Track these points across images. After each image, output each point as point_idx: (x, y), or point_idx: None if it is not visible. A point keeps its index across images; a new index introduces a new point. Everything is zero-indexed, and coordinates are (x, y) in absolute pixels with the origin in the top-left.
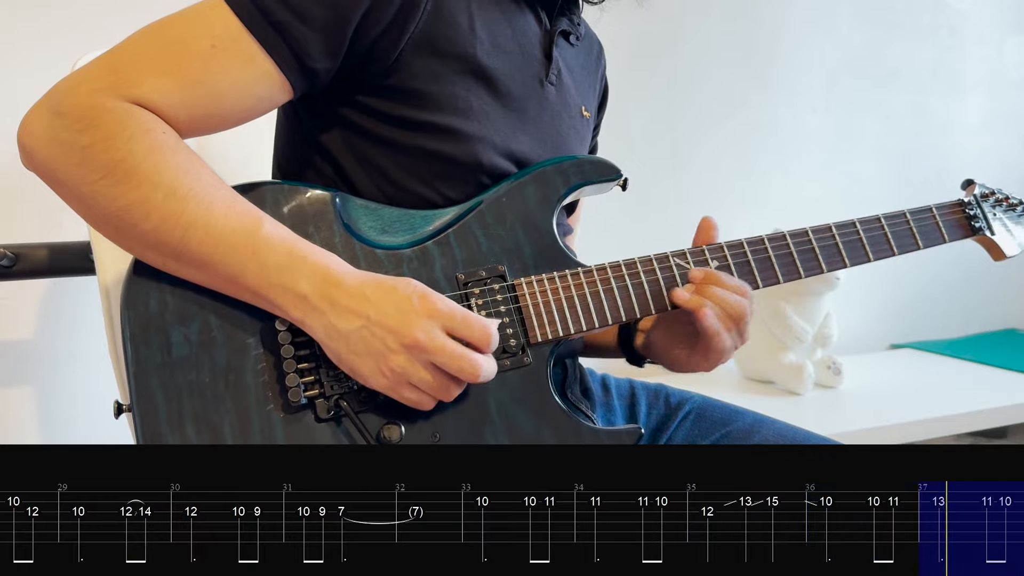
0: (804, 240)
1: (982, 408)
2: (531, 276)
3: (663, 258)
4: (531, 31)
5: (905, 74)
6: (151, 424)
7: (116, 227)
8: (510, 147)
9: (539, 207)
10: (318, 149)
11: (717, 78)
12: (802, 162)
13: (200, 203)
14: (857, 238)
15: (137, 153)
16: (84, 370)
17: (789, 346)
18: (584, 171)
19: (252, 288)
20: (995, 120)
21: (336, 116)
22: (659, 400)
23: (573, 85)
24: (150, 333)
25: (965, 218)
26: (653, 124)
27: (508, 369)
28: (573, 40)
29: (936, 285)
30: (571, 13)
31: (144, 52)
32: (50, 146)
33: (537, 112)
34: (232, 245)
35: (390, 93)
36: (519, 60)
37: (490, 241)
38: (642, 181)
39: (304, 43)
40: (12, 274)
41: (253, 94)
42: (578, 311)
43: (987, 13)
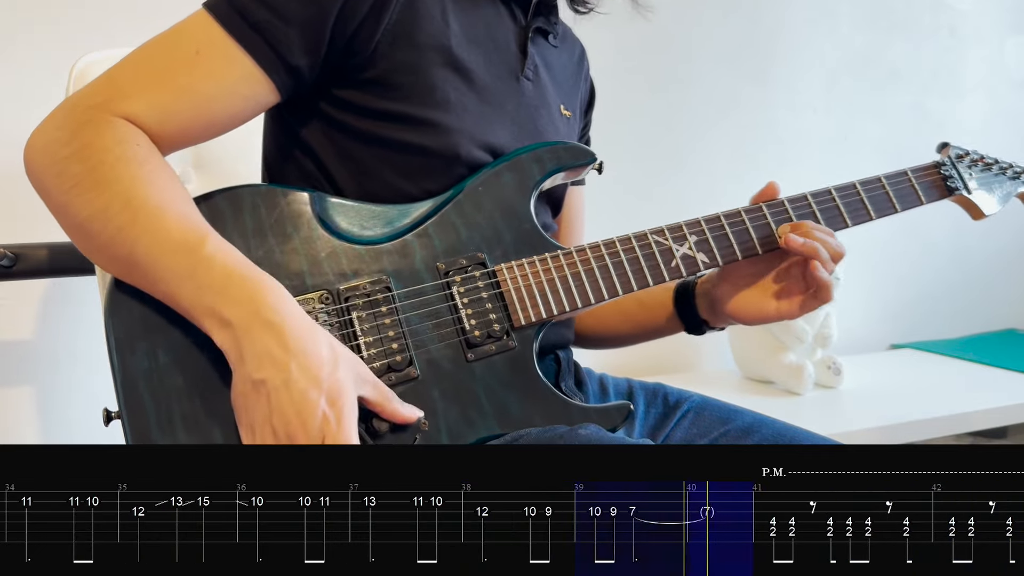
0: (781, 210)
1: (982, 408)
2: (511, 261)
3: (641, 235)
4: (506, 26)
5: (905, 74)
6: (141, 430)
7: (84, 234)
8: (488, 140)
9: (516, 193)
10: (300, 145)
11: (717, 78)
12: (802, 162)
13: (151, 215)
14: (833, 204)
15: (106, 163)
16: (84, 370)
17: (789, 346)
18: (559, 156)
19: (186, 306)
20: (995, 120)
21: (315, 111)
22: (657, 399)
23: (552, 83)
24: (135, 340)
25: (941, 179)
26: (652, 124)
27: (494, 354)
28: (552, 40)
29: (936, 285)
30: (548, 13)
31: (135, 68)
32: (38, 156)
33: (514, 106)
34: (171, 261)
35: (368, 86)
36: (494, 54)
37: (469, 230)
38: (641, 181)
39: (284, 40)
40: (12, 274)
41: (239, 95)
42: (560, 292)
43: (987, 13)
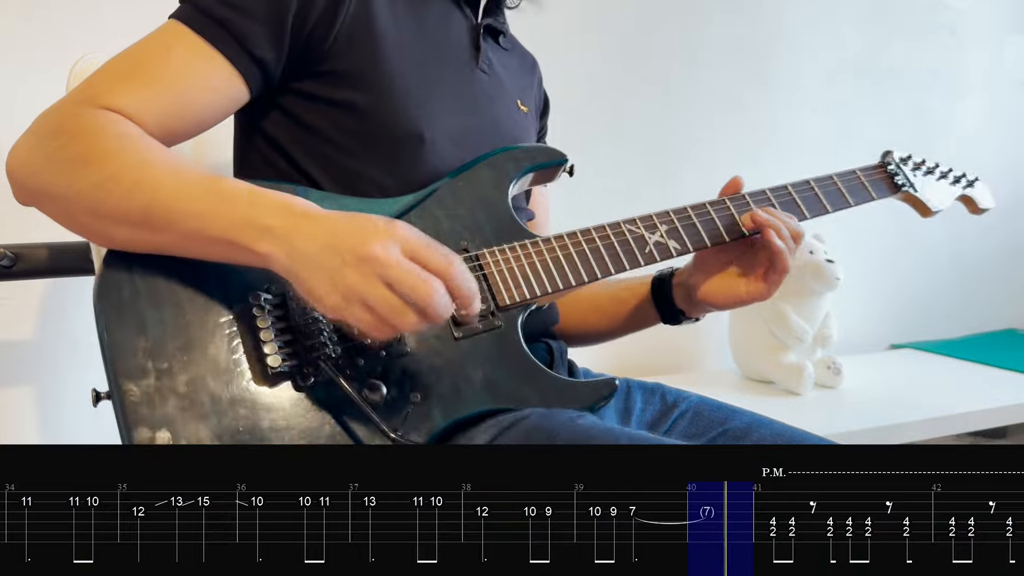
0: (743, 203)
1: (982, 408)
2: (493, 247)
3: (615, 225)
4: (457, 22)
5: (905, 74)
6: (132, 406)
7: (92, 209)
8: (449, 128)
9: (494, 188)
10: (270, 143)
11: (716, 78)
12: (802, 162)
13: (165, 168)
14: (790, 198)
15: (103, 137)
16: (84, 370)
17: (789, 346)
18: (533, 156)
19: (218, 232)
20: (995, 120)
21: (278, 107)
22: (655, 398)
23: (507, 80)
24: (125, 318)
25: (888, 176)
26: (651, 124)
27: (481, 332)
28: (502, 41)
29: (936, 285)
30: (496, 13)
31: (111, 69)
32: (27, 157)
33: (472, 95)
34: (198, 195)
35: (327, 77)
36: (447, 49)
37: (451, 221)
38: (641, 181)
39: (248, 33)
40: (12, 274)
41: (211, 88)
42: (541, 275)
43: (987, 13)
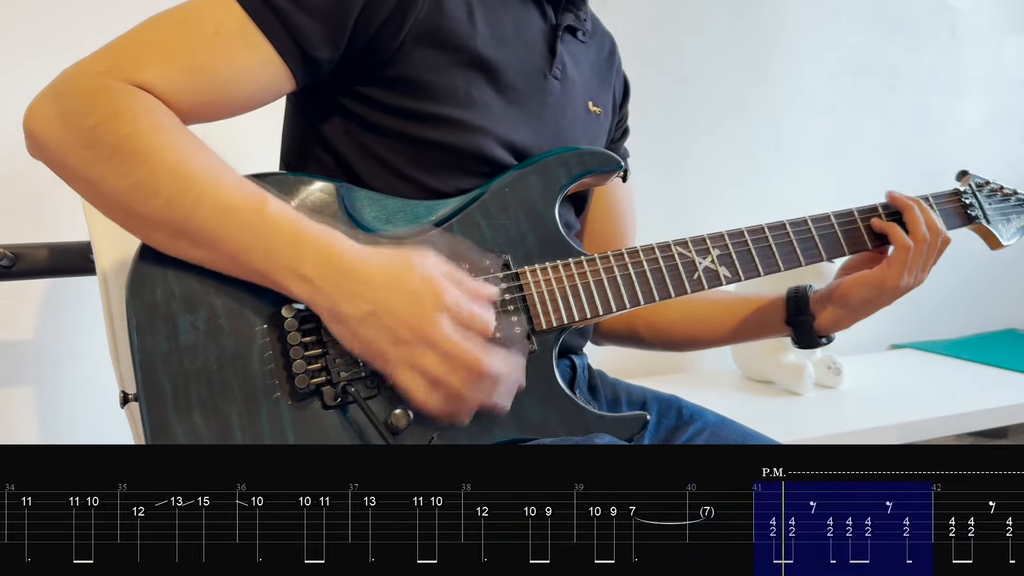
0: (805, 229)
1: (982, 408)
2: (535, 265)
3: (665, 246)
4: (535, 25)
5: (905, 74)
6: (158, 412)
7: (125, 207)
8: (511, 139)
9: (542, 196)
10: (320, 140)
11: (717, 78)
12: (802, 162)
13: (207, 180)
14: (856, 227)
15: (142, 131)
16: (85, 369)
17: (789, 346)
18: (586, 161)
19: (257, 267)
20: (995, 120)
21: (337, 106)
22: (671, 411)
23: (580, 81)
24: (156, 321)
25: (961, 207)
26: (652, 124)
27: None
28: (581, 36)
29: (936, 285)
30: (577, 8)
31: (147, 39)
32: (57, 129)
33: (539, 105)
34: (239, 222)
35: (391, 83)
36: (522, 53)
37: (494, 231)
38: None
39: (305, 31)
40: (12, 274)
41: (255, 81)
42: (582, 299)
43: (987, 13)
